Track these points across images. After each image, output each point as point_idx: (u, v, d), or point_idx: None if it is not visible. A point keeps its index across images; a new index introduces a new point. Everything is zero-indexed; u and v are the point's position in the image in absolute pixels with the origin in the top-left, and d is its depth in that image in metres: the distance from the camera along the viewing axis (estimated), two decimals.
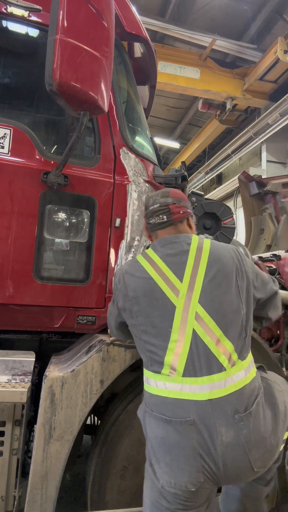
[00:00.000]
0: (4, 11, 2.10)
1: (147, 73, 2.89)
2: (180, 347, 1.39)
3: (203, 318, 1.42)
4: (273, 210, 5.50)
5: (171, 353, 1.40)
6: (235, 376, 1.38)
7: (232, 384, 1.36)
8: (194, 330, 1.40)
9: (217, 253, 1.57)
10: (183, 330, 1.41)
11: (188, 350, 1.39)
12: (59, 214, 2.14)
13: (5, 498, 1.94)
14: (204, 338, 1.40)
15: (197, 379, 1.36)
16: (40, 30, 2.26)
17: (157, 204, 1.71)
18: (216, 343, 1.39)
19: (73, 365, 1.97)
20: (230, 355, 1.40)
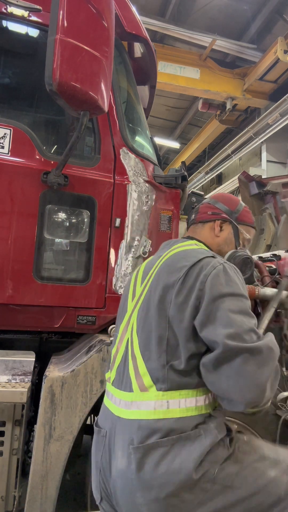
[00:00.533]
0: (4, 11, 2.10)
1: (147, 73, 2.89)
2: (116, 354, 1.34)
3: (135, 330, 1.29)
4: (273, 210, 5.50)
5: (112, 359, 1.37)
6: (143, 404, 1.17)
7: (136, 411, 1.17)
8: (128, 340, 1.30)
9: (175, 259, 1.30)
10: (122, 338, 1.35)
11: (120, 359, 1.30)
12: (59, 214, 2.14)
13: (5, 498, 1.94)
14: (129, 352, 1.28)
15: (118, 392, 1.26)
16: (40, 30, 2.26)
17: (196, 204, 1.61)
18: (133, 361, 1.24)
19: (73, 365, 1.97)
20: (142, 378, 1.20)
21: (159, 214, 2.35)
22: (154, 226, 2.31)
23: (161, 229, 2.36)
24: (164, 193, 2.39)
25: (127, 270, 2.18)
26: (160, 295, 1.23)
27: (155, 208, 2.31)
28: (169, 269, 1.27)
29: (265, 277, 3.14)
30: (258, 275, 3.19)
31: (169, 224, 2.39)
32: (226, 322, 1.11)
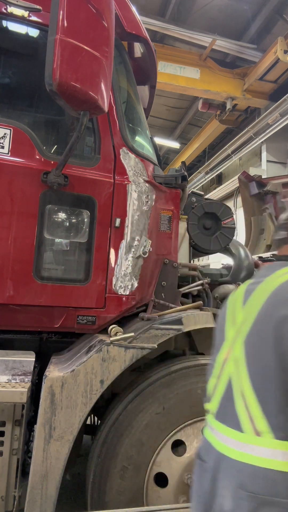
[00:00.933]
0: (4, 11, 2.10)
1: (147, 73, 2.89)
2: (217, 386, 1.23)
3: (242, 364, 1.15)
4: (273, 210, 5.51)
5: (212, 389, 1.27)
6: (256, 448, 1.06)
7: (248, 454, 1.07)
8: (230, 378, 1.19)
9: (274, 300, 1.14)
10: (221, 371, 1.22)
11: (222, 393, 1.20)
12: (59, 214, 2.14)
13: (5, 498, 1.94)
14: (235, 389, 1.16)
15: (222, 427, 1.16)
16: (40, 30, 2.26)
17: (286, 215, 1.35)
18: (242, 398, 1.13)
19: (73, 365, 1.97)
20: (254, 422, 1.09)
21: (159, 214, 2.35)
22: (154, 226, 2.31)
23: (161, 229, 2.36)
24: (164, 193, 2.39)
25: (127, 270, 2.18)
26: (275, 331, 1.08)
27: (155, 208, 2.31)
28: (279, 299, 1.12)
29: None
30: None
31: (169, 224, 2.39)
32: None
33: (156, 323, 2.07)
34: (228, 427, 1.13)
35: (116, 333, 2.03)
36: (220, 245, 2.80)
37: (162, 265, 2.37)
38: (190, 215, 2.72)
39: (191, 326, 2.13)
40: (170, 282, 2.40)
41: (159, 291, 2.36)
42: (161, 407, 2.01)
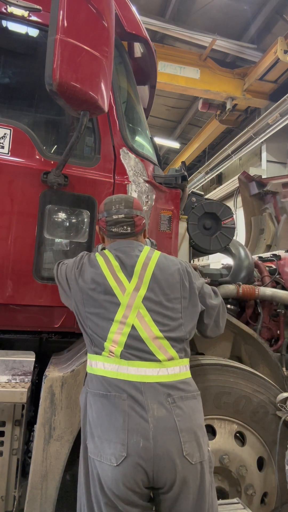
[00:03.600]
0: (4, 11, 2.10)
1: (147, 73, 2.89)
2: (118, 337, 1.56)
3: (144, 317, 1.59)
4: (273, 210, 5.49)
5: (110, 341, 1.56)
6: (171, 369, 1.54)
7: (167, 375, 1.53)
8: (133, 326, 1.57)
9: (163, 263, 1.72)
10: (123, 324, 1.57)
11: (125, 340, 1.55)
12: (59, 214, 2.14)
13: (5, 498, 1.94)
14: (142, 334, 1.56)
15: (133, 363, 1.52)
16: (40, 30, 2.26)
17: (122, 215, 1.75)
18: (153, 340, 1.56)
19: (73, 365, 1.97)
20: (166, 351, 1.56)
21: (159, 214, 2.35)
22: (154, 226, 2.31)
23: (161, 229, 2.36)
24: (164, 193, 2.39)
25: None
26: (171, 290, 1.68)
27: (155, 208, 2.31)
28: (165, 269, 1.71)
29: (265, 277, 3.14)
30: (258, 275, 3.19)
31: (169, 224, 2.39)
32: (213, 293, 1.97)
33: None
34: (143, 362, 1.52)
35: None
36: (220, 245, 2.79)
37: None
38: (190, 215, 2.72)
39: None
40: None
41: None
42: None
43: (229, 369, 2.22)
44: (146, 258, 1.71)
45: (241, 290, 2.81)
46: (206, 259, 7.02)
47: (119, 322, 1.58)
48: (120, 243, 1.76)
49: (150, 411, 1.44)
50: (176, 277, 1.71)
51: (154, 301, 1.62)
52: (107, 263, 1.69)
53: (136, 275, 1.65)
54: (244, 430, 2.20)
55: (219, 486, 2.09)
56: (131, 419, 1.43)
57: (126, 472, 1.39)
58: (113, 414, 1.46)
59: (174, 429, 1.44)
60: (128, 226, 1.76)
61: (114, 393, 1.48)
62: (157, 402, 1.46)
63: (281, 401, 2.23)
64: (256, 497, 2.15)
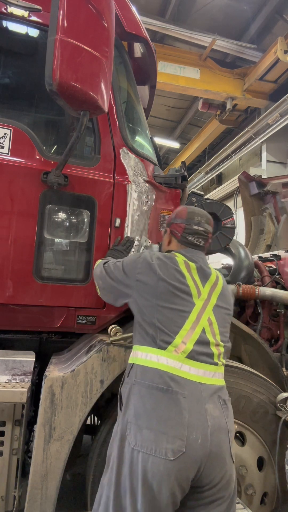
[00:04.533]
0: (4, 11, 2.10)
1: (147, 73, 2.89)
2: (190, 335, 1.63)
3: (213, 323, 1.71)
4: (273, 210, 5.49)
5: (180, 338, 1.61)
6: (220, 374, 1.68)
7: (218, 378, 1.66)
8: (204, 329, 1.67)
9: (225, 287, 1.88)
10: (195, 325, 1.66)
11: (195, 340, 1.63)
12: (59, 214, 2.14)
13: (5, 498, 1.94)
14: (209, 338, 1.67)
15: (195, 363, 1.60)
16: (40, 30, 2.26)
17: (202, 228, 1.87)
18: (216, 346, 1.68)
19: (73, 365, 1.97)
20: (220, 358, 1.70)
21: (159, 214, 2.35)
22: (154, 226, 2.31)
23: (161, 229, 2.36)
24: (164, 193, 2.39)
25: None
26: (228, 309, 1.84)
27: (155, 208, 2.31)
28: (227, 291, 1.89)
29: (265, 277, 3.14)
30: (258, 275, 3.19)
31: None
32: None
33: None
34: (206, 363, 1.62)
35: (116, 333, 2.03)
36: (220, 245, 2.79)
37: None
38: None
39: None
40: None
41: None
42: None
43: (229, 369, 2.21)
44: (216, 277, 1.84)
45: (241, 290, 2.81)
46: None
47: (192, 322, 1.65)
48: (192, 252, 1.85)
49: (208, 410, 1.52)
50: (232, 298, 1.91)
51: (220, 312, 1.76)
52: (185, 263, 1.77)
53: (211, 283, 1.78)
54: (244, 430, 2.20)
55: None
56: (192, 416, 1.48)
57: (181, 467, 1.43)
58: (172, 410, 1.49)
59: (225, 429, 1.55)
60: (203, 240, 1.88)
61: (176, 389, 1.52)
62: (213, 402, 1.56)
63: (281, 401, 2.23)
64: (256, 497, 2.15)
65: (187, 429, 1.46)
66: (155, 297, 1.68)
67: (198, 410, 1.51)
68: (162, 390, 1.52)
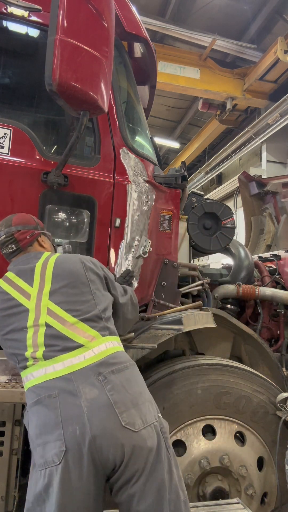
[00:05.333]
0: (4, 11, 2.10)
1: (147, 73, 2.89)
2: (36, 341, 1.55)
3: (55, 311, 1.60)
4: (273, 210, 5.49)
5: (30, 348, 1.55)
6: (96, 349, 1.54)
7: (93, 356, 1.52)
8: (46, 323, 1.57)
9: (63, 257, 1.77)
10: (37, 328, 1.57)
11: (43, 340, 1.55)
12: (59, 214, 2.14)
13: (5, 498, 1.94)
14: (57, 327, 1.56)
15: (57, 358, 1.51)
16: (40, 30, 2.26)
17: (3, 236, 1.79)
18: (69, 327, 1.56)
19: None
20: (86, 333, 1.57)
21: (159, 214, 2.35)
22: (154, 226, 2.31)
23: (161, 229, 2.36)
24: (164, 193, 2.39)
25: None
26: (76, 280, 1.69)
27: (155, 208, 2.31)
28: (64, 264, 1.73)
29: (265, 277, 3.14)
30: (258, 275, 3.19)
31: (169, 224, 2.39)
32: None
33: (156, 323, 2.07)
34: (67, 353, 1.51)
35: None
36: (220, 245, 2.80)
37: (162, 265, 2.37)
38: (190, 215, 2.72)
39: (191, 326, 2.13)
40: (170, 282, 2.40)
41: (159, 291, 2.36)
42: (161, 407, 2.00)
43: (229, 369, 2.22)
44: (45, 260, 1.74)
45: (241, 290, 2.81)
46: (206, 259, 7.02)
47: (32, 327, 1.57)
48: (19, 260, 1.79)
49: (83, 395, 1.41)
50: (78, 264, 1.73)
51: (60, 293, 1.64)
52: (6, 280, 1.71)
53: (37, 277, 1.68)
54: (244, 430, 2.20)
55: (219, 486, 2.09)
56: (64, 411, 1.39)
57: (70, 467, 1.32)
58: (46, 415, 1.41)
59: (108, 404, 1.41)
60: (12, 244, 1.79)
61: (45, 394, 1.44)
62: (88, 384, 1.44)
63: (281, 401, 2.23)
64: (256, 497, 2.15)
65: (62, 426, 1.36)
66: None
67: (70, 401, 1.41)
68: (37, 404, 1.45)
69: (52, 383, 1.46)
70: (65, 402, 1.41)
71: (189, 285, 2.62)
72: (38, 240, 1.85)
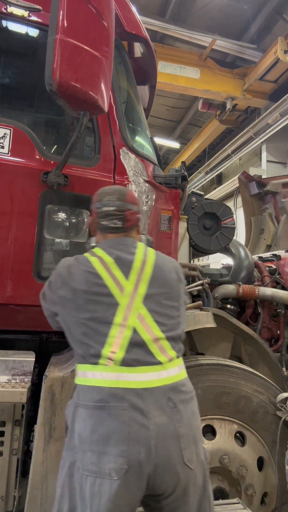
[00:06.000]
0: (4, 11, 2.10)
1: (147, 73, 2.89)
2: (119, 342, 1.46)
3: (145, 318, 1.51)
4: (273, 210, 5.50)
5: (109, 347, 1.45)
6: (171, 370, 1.48)
7: (168, 377, 1.47)
8: (134, 328, 1.48)
9: (161, 260, 1.66)
10: (123, 328, 1.47)
11: (127, 344, 1.46)
12: (59, 214, 2.14)
13: (5, 498, 1.94)
14: (144, 336, 1.48)
15: (135, 369, 1.44)
16: (40, 30, 2.26)
17: (113, 207, 1.65)
18: (155, 341, 1.49)
19: (73, 365, 1.97)
20: (167, 352, 1.50)
21: (159, 214, 2.35)
22: (154, 226, 2.31)
23: (161, 229, 2.36)
24: (164, 193, 2.39)
25: None
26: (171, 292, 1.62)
27: (155, 208, 2.31)
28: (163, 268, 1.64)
29: (265, 277, 3.14)
30: (258, 275, 3.19)
31: (169, 224, 2.39)
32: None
33: None
34: (145, 367, 1.44)
35: None
36: (220, 245, 2.80)
37: None
38: (190, 215, 2.72)
39: (191, 326, 2.13)
40: None
41: None
42: None
43: (229, 369, 2.22)
44: (143, 255, 1.62)
45: (241, 290, 2.81)
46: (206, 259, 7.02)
47: (119, 325, 1.47)
48: (113, 241, 1.65)
49: (152, 418, 1.38)
50: (173, 274, 1.65)
51: (154, 300, 1.54)
52: (101, 262, 1.56)
53: (135, 272, 1.56)
54: (244, 430, 2.20)
55: (219, 486, 2.09)
56: (132, 429, 1.36)
57: (127, 484, 1.33)
58: (111, 426, 1.37)
59: (175, 435, 1.40)
60: (119, 220, 1.65)
61: (114, 403, 1.39)
62: (159, 408, 1.40)
63: (281, 401, 2.23)
64: (256, 497, 2.15)
65: (128, 444, 1.34)
66: (76, 310, 1.52)
67: (140, 421, 1.36)
68: (100, 408, 1.40)
69: (122, 393, 1.40)
70: (134, 419, 1.37)
71: (189, 285, 2.62)
72: (138, 226, 1.74)
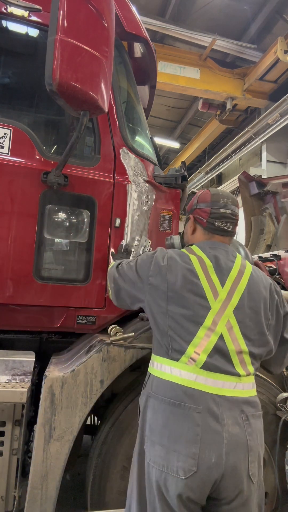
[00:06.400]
0: (4, 11, 2.10)
1: (147, 73, 2.89)
2: (204, 344, 1.48)
3: (233, 328, 1.52)
4: (273, 210, 5.50)
5: (193, 347, 1.48)
6: (246, 385, 1.51)
7: (242, 390, 1.49)
8: (221, 335, 1.50)
9: (256, 275, 1.65)
10: (211, 332, 1.49)
11: (211, 348, 1.48)
12: (59, 214, 2.14)
13: (5, 498, 1.94)
14: (228, 345, 1.50)
15: (215, 375, 1.46)
16: (40, 30, 2.26)
17: (230, 211, 1.67)
18: (238, 353, 1.51)
19: (73, 365, 1.97)
20: (246, 366, 1.52)
21: (159, 214, 2.35)
22: (154, 226, 2.31)
23: (161, 229, 2.36)
24: (164, 193, 2.39)
25: None
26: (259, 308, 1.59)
27: (155, 208, 2.31)
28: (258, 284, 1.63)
29: None
30: None
31: (169, 224, 2.39)
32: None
33: None
34: (225, 374, 1.47)
35: (116, 333, 2.03)
36: None
37: None
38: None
39: None
40: None
41: None
42: None
43: None
44: (241, 267, 1.62)
45: None
46: None
47: (207, 329, 1.49)
48: (216, 244, 1.66)
49: (225, 426, 1.40)
50: (267, 293, 1.64)
51: (244, 312, 1.54)
52: (200, 262, 1.58)
53: (231, 281, 1.57)
54: None
55: None
56: (205, 433, 1.39)
57: (193, 486, 1.36)
58: (185, 426, 1.40)
59: (245, 447, 1.42)
60: (231, 224, 1.68)
61: (189, 404, 1.42)
62: (232, 417, 1.43)
63: (281, 401, 2.23)
64: None
65: (199, 447, 1.37)
66: (166, 302, 1.54)
67: (213, 427, 1.39)
68: (174, 405, 1.43)
69: (199, 395, 1.43)
70: (208, 423, 1.40)
71: None
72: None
